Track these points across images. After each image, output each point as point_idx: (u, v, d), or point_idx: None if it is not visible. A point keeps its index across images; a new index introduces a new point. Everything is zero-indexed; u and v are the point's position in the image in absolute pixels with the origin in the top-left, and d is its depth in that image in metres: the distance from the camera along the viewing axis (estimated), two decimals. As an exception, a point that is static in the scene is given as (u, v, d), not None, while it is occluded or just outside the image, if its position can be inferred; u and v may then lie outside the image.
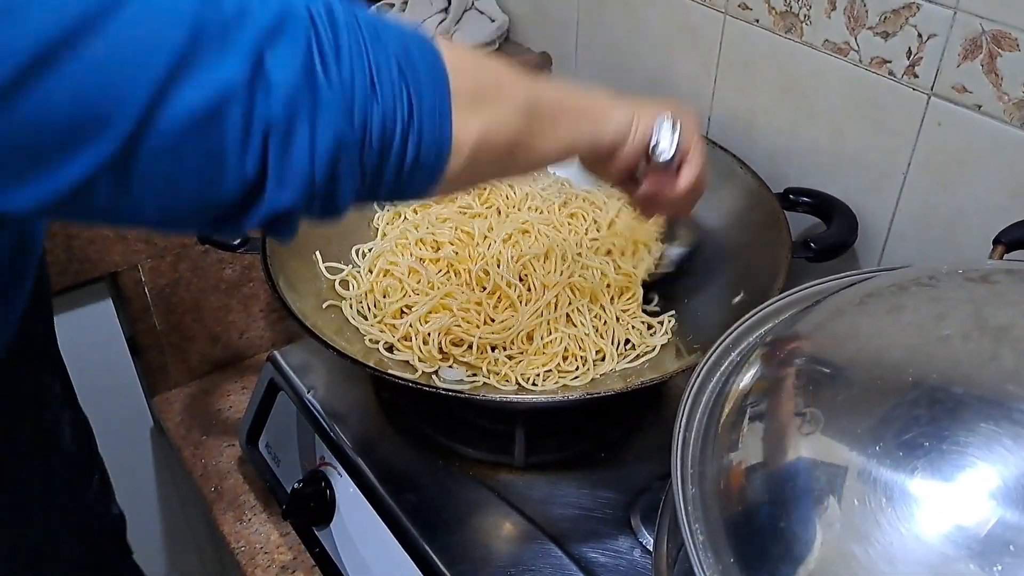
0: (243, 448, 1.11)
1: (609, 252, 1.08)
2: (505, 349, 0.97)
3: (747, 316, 0.69)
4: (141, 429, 1.35)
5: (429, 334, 0.98)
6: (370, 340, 1.00)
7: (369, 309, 1.04)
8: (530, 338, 0.98)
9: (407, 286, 1.04)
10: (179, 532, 1.49)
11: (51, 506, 0.89)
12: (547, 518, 0.89)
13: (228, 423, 1.22)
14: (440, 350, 0.98)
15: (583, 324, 0.98)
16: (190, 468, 1.17)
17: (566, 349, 0.97)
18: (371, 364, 0.89)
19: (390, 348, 1.00)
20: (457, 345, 0.98)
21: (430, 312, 1.00)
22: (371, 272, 1.08)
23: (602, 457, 0.96)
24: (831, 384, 0.56)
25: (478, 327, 0.98)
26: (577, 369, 0.96)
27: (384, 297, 1.04)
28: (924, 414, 0.49)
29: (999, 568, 0.44)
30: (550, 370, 0.96)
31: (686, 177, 0.79)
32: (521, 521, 0.89)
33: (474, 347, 0.97)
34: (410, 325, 0.99)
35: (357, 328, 1.01)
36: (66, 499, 0.91)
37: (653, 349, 0.99)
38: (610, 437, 0.98)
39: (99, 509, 0.98)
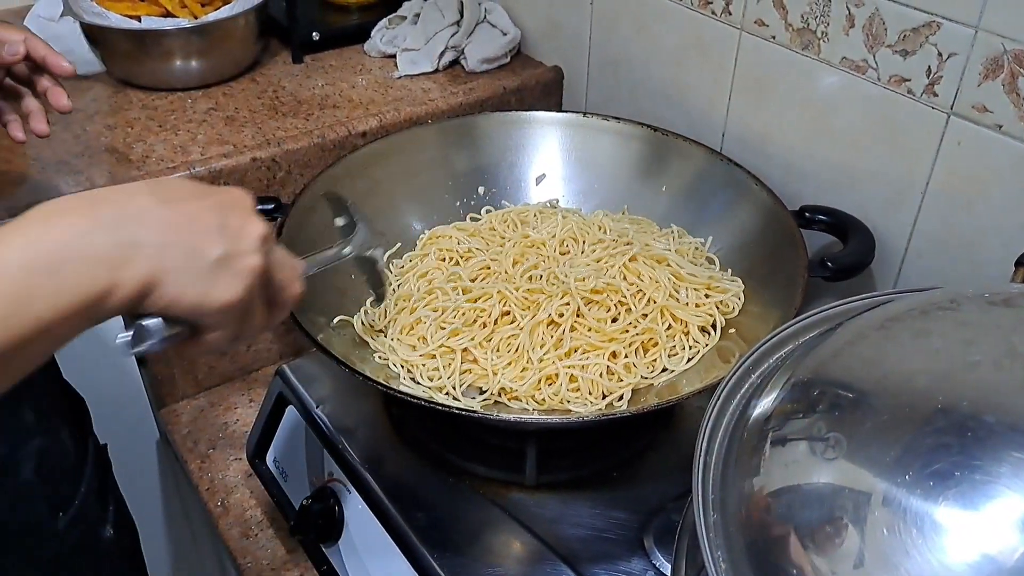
0: (250, 462, 1.10)
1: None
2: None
3: (766, 338, 0.68)
4: (147, 441, 1.34)
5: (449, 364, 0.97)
6: (380, 356, 0.99)
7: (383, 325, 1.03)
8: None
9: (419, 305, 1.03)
10: (184, 546, 1.48)
11: (7, 537, 0.85)
12: (558, 538, 0.88)
13: (235, 436, 1.21)
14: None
15: (598, 365, 0.96)
16: (196, 482, 1.16)
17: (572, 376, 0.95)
18: (382, 381, 0.88)
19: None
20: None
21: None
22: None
23: (615, 476, 0.95)
24: (855, 409, 0.55)
25: (494, 372, 0.96)
26: (591, 393, 0.94)
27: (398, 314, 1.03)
28: (954, 443, 0.48)
29: (1033, 602, 0.43)
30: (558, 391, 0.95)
31: (205, 345, 0.64)
32: (532, 541, 0.88)
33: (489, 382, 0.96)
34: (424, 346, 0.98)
35: (368, 343, 1.00)
36: (24, 532, 0.87)
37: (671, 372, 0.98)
38: (623, 456, 0.97)
39: (73, 539, 0.92)
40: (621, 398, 0.94)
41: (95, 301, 0.54)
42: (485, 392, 0.94)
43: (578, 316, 0.98)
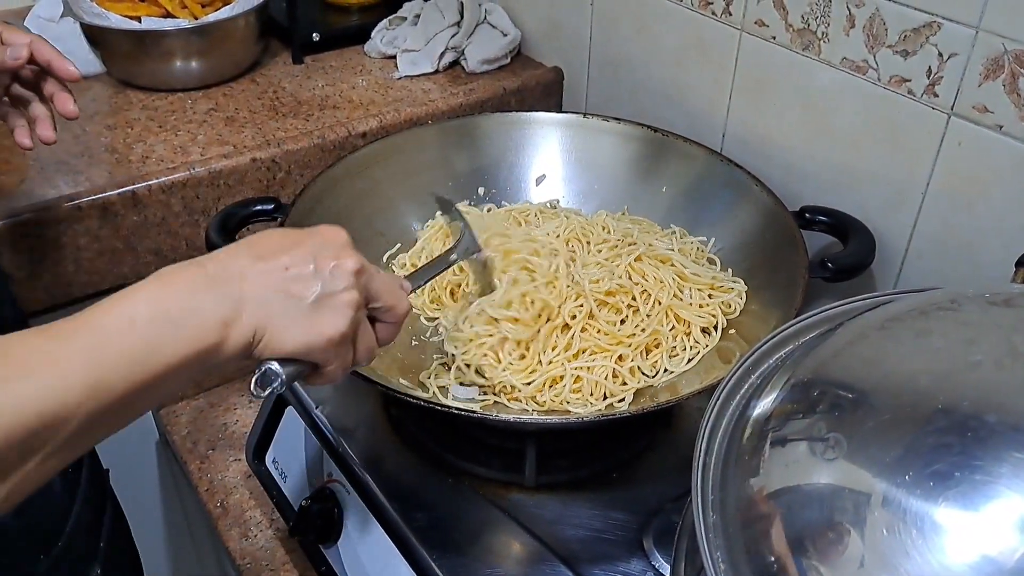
0: (250, 463, 1.09)
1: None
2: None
3: (767, 338, 0.68)
4: (147, 442, 1.34)
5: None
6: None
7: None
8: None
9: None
10: (184, 547, 1.48)
11: None
12: (558, 539, 0.88)
13: (235, 437, 1.20)
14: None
15: (604, 368, 0.96)
16: (196, 482, 1.15)
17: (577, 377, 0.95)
18: (381, 382, 0.88)
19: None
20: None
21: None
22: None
23: (614, 477, 0.94)
24: (855, 410, 0.54)
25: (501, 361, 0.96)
26: (592, 394, 0.94)
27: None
28: (955, 443, 0.47)
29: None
30: (560, 392, 0.95)
31: (323, 380, 0.70)
32: (531, 542, 0.88)
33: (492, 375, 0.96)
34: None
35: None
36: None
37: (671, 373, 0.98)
38: (622, 457, 0.97)
39: None
40: (623, 400, 0.94)
41: (211, 350, 0.60)
42: (484, 386, 0.94)
43: (590, 318, 0.98)
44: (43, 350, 0.54)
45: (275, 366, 0.64)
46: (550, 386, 0.94)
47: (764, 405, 0.59)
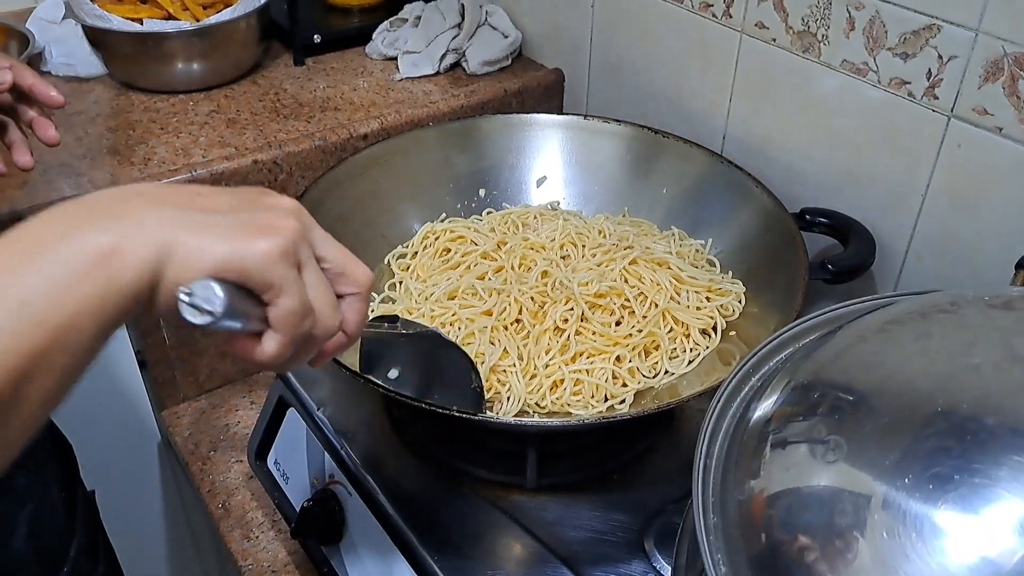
0: (251, 464, 1.10)
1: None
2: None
3: (767, 340, 0.68)
4: (149, 443, 1.34)
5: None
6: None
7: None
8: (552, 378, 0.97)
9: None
10: (185, 548, 1.48)
11: None
12: (559, 541, 0.88)
13: (237, 439, 1.21)
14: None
15: (603, 370, 0.96)
16: (198, 484, 1.16)
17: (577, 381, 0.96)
18: (382, 384, 0.88)
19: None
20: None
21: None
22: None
23: (615, 479, 0.95)
24: (855, 412, 0.55)
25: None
26: (592, 396, 0.94)
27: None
28: (954, 446, 0.48)
29: (1032, 606, 0.43)
30: (561, 396, 0.95)
31: (267, 347, 0.56)
32: (532, 543, 0.88)
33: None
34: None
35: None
36: None
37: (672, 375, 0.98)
38: (623, 459, 0.97)
39: None
40: (623, 402, 0.94)
41: (102, 294, 0.48)
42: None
43: (583, 321, 0.98)
44: None
45: (208, 281, 0.50)
46: (552, 391, 0.94)
47: (764, 407, 0.60)
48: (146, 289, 0.50)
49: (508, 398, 0.94)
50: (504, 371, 0.95)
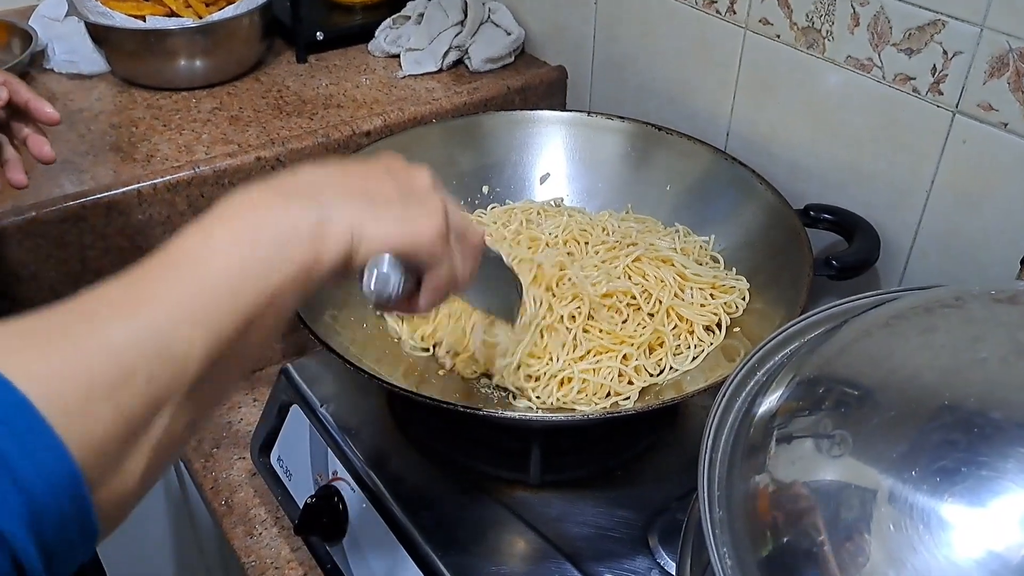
0: (254, 461, 1.10)
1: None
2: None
3: (772, 335, 0.68)
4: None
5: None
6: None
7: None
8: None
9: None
10: (188, 546, 1.48)
11: None
12: (563, 537, 0.88)
13: (239, 435, 1.21)
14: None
15: (610, 369, 0.96)
16: (200, 481, 1.16)
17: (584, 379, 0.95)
18: (385, 377, 0.88)
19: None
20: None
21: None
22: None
23: (619, 475, 0.95)
24: (860, 406, 0.55)
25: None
26: (596, 393, 0.94)
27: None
28: (961, 439, 0.48)
29: (1040, 599, 0.42)
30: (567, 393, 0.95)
31: (423, 304, 0.66)
32: (536, 539, 0.88)
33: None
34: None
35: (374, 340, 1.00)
36: None
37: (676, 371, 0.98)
38: (627, 455, 0.97)
39: None
40: (627, 398, 0.94)
41: (311, 264, 0.56)
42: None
43: (590, 319, 0.98)
44: (139, 289, 0.51)
45: (386, 262, 0.60)
46: (559, 388, 0.94)
47: (769, 402, 0.60)
48: (340, 265, 0.58)
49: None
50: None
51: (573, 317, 0.97)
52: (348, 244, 0.58)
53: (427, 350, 1.02)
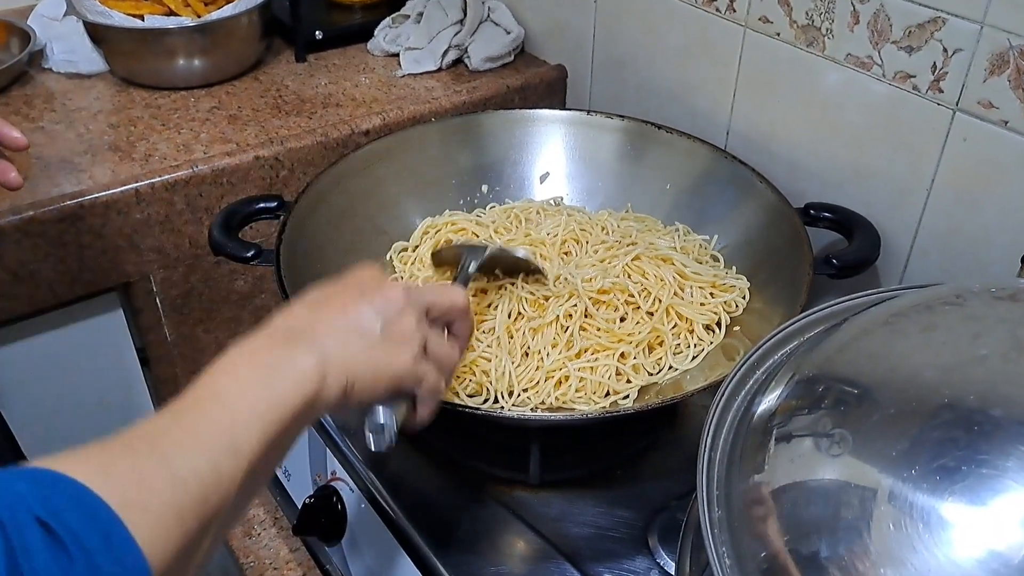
0: (253, 461, 1.09)
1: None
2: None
3: (771, 334, 0.68)
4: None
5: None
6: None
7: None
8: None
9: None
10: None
11: None
12: (562, 537, 0.88)
13: (238, 436, 1.20)
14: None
15: (607, 367, 0.95)
16: (199, 481, 1.15)
17: (581, 378, 0.95)
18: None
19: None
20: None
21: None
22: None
23: (619, 475, 0.94)
24: (860, 405, 0.54)
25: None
26: (595, 392, 0.94)
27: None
28: (961, 437, 0.47)
29: (1041, 598, 0.42)
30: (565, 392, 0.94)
31: (421, 416, 0.75)
32: (535, 539, 0.88)
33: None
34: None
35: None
36: None
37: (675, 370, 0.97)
38: (627, 454, 0.96)
39: None
40: (627, 397, 0.93)
41: (313, 397, 0.62)
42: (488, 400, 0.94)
43: (586, 316, 0.97)
44: (187, 424, 0.56)
45: (381, 413, 0.70)
46: (557, 387, 0.94)
47: (769, 401, 0.59)
48: (339, 400, 0.64)
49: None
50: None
51: (569, 315, 0.96)
52: (344, 383, 0.65)
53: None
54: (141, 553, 0.47)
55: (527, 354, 0.95)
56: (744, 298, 1.02)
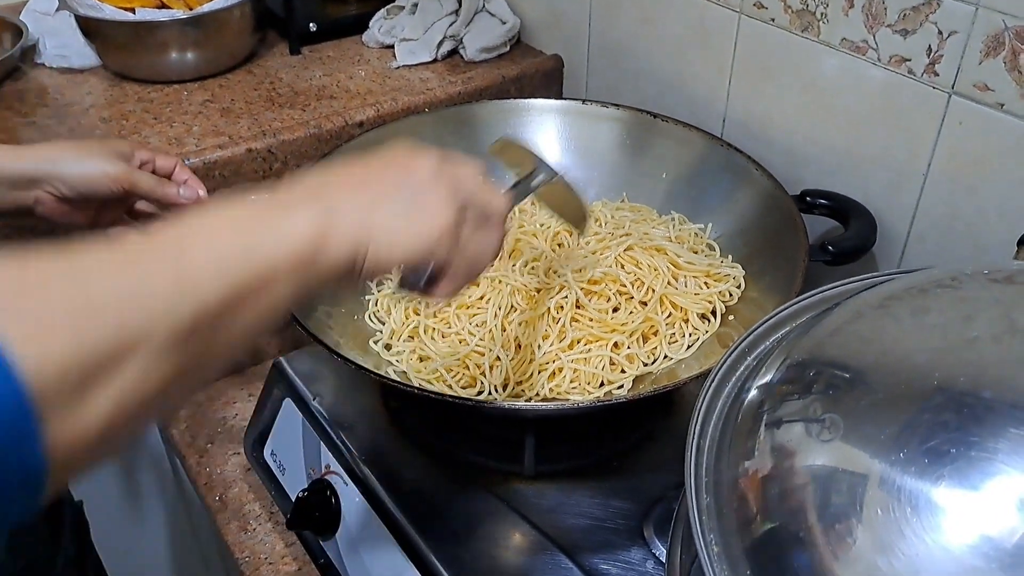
0: (248, 456, 1.09)
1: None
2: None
3: (763, 320, 0.67)
4: (145, 436, 1.33)
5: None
6: (373, 341, 0.98)
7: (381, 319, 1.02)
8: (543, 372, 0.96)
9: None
10: (184, 541, 1.47)
11: None
12: (557, 528, 0.87)
13: (234, 431, 1.20)
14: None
15: (601, 357, 0.95)
16: (195, 476, 1.15)
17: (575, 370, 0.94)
18: (375, 370, 0.87)
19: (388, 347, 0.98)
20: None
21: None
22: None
23: (614, 466, 0.94)
24: (851, 389, 0.53)
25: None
26: (589, 383, 0.93)
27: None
28: (951, 420, 0.46)
29: (1031, 581, 0.41)
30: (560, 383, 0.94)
31: (442, 291, 0.68)
32: (531, 531, 0.87)
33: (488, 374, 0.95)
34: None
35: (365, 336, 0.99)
36: None
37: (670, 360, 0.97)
38: (622, 445, 0.96)
39: None
40: (621, 387, 0.92)
41: (306, 261, 0.56)
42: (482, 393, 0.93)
43: (578, 307, 0.97)
44: (125, 247, 0.50)
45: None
46: (551, 379, 0.93)
47: (759, 387, 0.58)
48: (344, 268, 0.58)
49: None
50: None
51: (560, 306, 0.96)
52: (354, 250, 0.58)
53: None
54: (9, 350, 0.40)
55: (519, 347, 0.95)
56: (739, 287, 1.01)
